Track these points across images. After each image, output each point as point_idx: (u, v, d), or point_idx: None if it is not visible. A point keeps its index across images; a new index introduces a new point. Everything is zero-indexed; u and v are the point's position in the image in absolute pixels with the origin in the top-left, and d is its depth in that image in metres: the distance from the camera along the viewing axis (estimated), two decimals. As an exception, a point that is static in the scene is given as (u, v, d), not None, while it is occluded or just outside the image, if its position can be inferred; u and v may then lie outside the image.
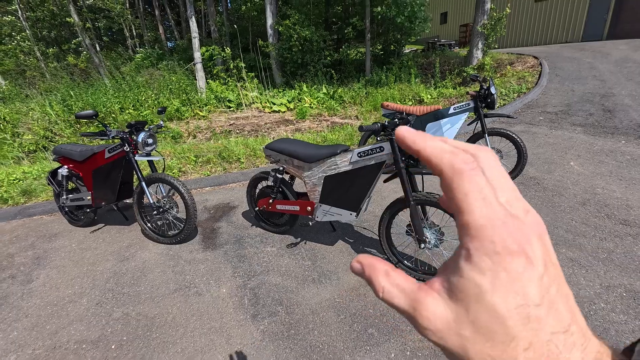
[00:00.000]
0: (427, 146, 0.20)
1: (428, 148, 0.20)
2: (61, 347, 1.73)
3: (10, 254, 2.74)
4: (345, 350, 1.57)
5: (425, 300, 0.19)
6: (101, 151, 2.57)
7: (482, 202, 0.17)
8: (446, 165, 0.19)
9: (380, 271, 0.21)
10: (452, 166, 0.19)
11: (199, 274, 2.23)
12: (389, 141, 1.77)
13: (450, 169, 0.19)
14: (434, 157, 0.19)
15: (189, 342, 1.68)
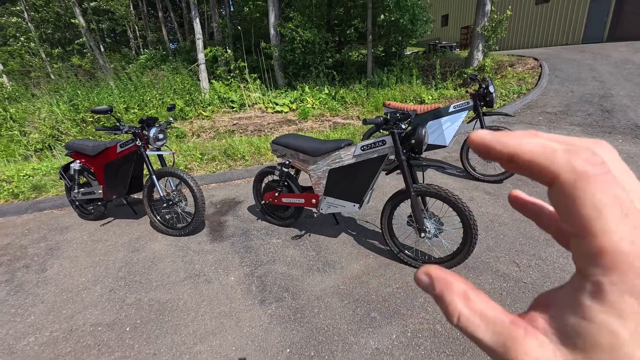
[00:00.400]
0: (525, 145, 0.15)
1: (527, 148, 0.15)
2: (78, 329, 1.81)
3: (24, 245, 2.83)
4: (349, 332, 1.65)
5: (525, 341, 0.15)
6: (113, 146, 2.66)
7: (624, 219, 0.13)
8: (563, 167, 0.14)
9: (455, 291, 0.17)
10: (573, 169, 0.14)
11: (208, 264, 2.31)
12: (390, 135, 1.85)
13: (570, 173, 0.14)
14: (542, 158, 0.15)
15: (200, 324, 1.77)
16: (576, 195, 0.14)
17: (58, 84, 8.50)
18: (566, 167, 0.14)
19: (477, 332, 0.16)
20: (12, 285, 2.26)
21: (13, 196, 3.77)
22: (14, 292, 2.19)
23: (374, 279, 2.02)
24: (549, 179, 0.15)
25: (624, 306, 0.13)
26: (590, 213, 0.13)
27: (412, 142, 1.81)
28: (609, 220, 0.13)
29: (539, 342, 0.15)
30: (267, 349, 1.58)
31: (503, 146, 0.16)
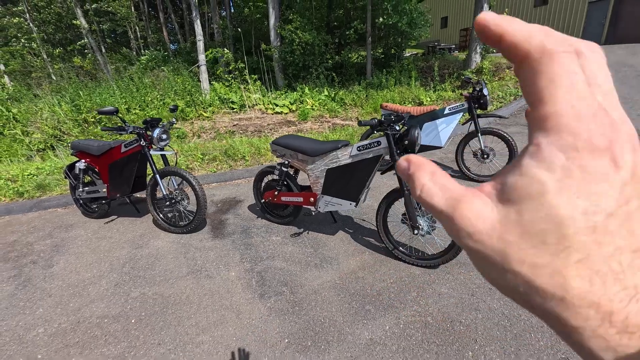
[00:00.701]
0: (514, 28, 0.16)
1: (515, 30, 0.16)
2: (85, 321, 1.89)
3: (30, 242, 2.91)
4: (345, 323, 1.73)
5: (470, 199, 0.16)
6: (118, 146, 2.74)
7: (570, 89, 0.15)
8: (536, 45, 0.15)
9: (426, 170, 0.18)
10: (542, 47, 0.15)
11: (209, 260, 2.39)
12: (385, 136, 1.94)
13: (539, 50, 0.15)
14: (522, 37, 0.16)
15: (202, 316, 1.85)
16: (537, 69, 0.15)
17: (60, 85, 8.58)
18: (537, 46, 0.15)
19: (433, 199, 0.17)
20: (20, 280, 2.34)
21: (18, 195, 3.85)
22: (22, 286, 2.27)
23: (369, 274, 2.10)
24: (521, 57, 0.16)
25: (554, 159, 0.14)
26: (544, 83, 0.15)
27: (405, 142, 1.89)
28: (557, 88, 0.15)
29: (482, 201, 0.16)
30: (266, 339, 1.66)
31: (496, 25, 0.16)
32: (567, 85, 0.15)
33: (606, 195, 0.14)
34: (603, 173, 0.14)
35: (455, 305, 1.81)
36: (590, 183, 0.14)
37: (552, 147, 0.14)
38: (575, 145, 0.14)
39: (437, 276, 2.04)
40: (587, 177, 0.14)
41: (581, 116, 0.14)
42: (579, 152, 0.14)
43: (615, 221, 0.14)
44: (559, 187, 0.14)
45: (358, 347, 1.58)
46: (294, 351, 1.59)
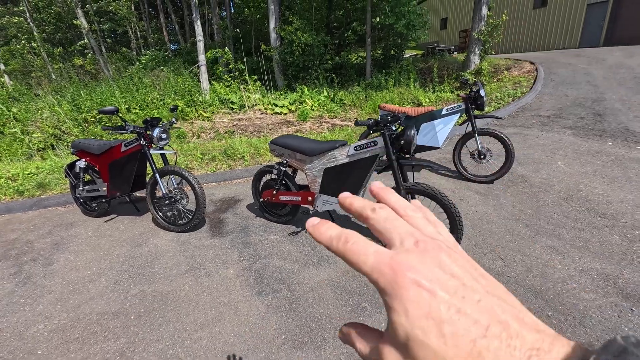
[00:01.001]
0: (322, 239, 0.23)
1: (322, 240, 0.23)
2: (84, 317, 1.92)
3: (30, 240, 2.94)
4: (341, 320, 1.76)
5: (383, 349, 0.20)
6: (118, 145, 2.77)
7: (367, 260, 0.20)
8: (337, 252, 0.23)
9: (354, 334, 0.24)
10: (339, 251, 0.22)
11: (208, 258, 2.42)
12: (381, 136, 1.97)
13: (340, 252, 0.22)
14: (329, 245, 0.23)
15: (200, 313, 1.87)
16: (347, 262, 0.22)
17: (60, 84, 8.61)
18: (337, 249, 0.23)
19: (370, 357, 0.22)
20: (20, 278, 2.37)
21: (18, 193, 3.87)
22: (22, 283, 2.30)
23: (365, 273, 2.12)
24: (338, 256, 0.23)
25: (395, 305, 0.19)
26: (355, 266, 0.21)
27: (401, 142, 1.92)
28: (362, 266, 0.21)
29: (388, 349, 0.20)
30: (263, 336, 1.69)
31: (315, 236, 0.24)
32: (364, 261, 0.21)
33: (433, 309, 0.18)
34: (419, 298, 0.18)
35: (450, 302, 1.83)
36: (420, 308, 0.18)
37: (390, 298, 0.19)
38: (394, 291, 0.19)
39: (433, 274, 2.06)
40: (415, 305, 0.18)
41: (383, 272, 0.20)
42: (398, 293, 0.19)
43: (453, 324, 0.17)
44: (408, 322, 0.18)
45: (354, 343, 1.61)
46: (290, 347, 1.61)
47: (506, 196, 3.11)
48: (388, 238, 0.22)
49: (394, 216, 0.23)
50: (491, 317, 0.18)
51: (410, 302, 0.18)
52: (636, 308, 1.77)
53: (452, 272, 0.20)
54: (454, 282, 0.19)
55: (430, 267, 0.19)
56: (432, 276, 0.19)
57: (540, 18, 14.61)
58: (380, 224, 0.23)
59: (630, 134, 4.47)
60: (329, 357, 1.55)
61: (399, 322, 0.18)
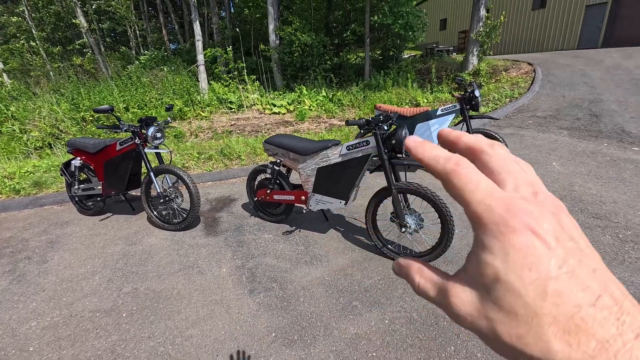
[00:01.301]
0: (426, 155, 0.21)
1: (426, 157, 0.21)
2: (77, 315, 1.92)
3: (25, 238, 2.94)
4: (332, 318, 1.77)
5: (453, 288, 0.20)
6: (113, 144, 2.78)
7: (479, 190, 0.19)
8: (441, 170, 0.20)
9: (414, 268, 0.23)
10: (445, 170, 0.20)
11: (201, 256, 2.43)
12: (373, 135, 1.98)
13: (444, 172, 0.20)
14: (431, 163, 0.21)
15: (192, 311, 1.88)
16: (451, 186, 0.20)
17: (59, 83, 8.61)
18: (442, 170, 0.20)
19: (429, 293, 0.21)
20: (14, 275, 2.37)
21: (14, 192, 3.88)
22: (16, 281, 2.30)
23: (357, 272, 2.14)
24: (437, 175, 0.21)
25: (493, 246, 0.17)
26: (459, 193, 0.19)
27: (392, 142, 1.93)
28: (468, 194, 0.19)
29: (460, 286, 0.19)
30: (254, 333, 1.70)
31: (417, 152, 0.22)
32: (474, 189, 0.19)
33: (542, 263, 0.16)
34: (529, 246, 0.17)
35: (440, 301, 1.84)
36: (526, 257, 0.17)
37: (487, 237, 0.18)
38: (500, 231, 0.17)
39: (424, 273, 2.07)
40: (521, 252, 0.17)
41: (494, 208, 0.18)
42: (504, 235, 0.17)
43: (562, 282, 0.16)
44: (505, 266, 0.17)
45: (343, 342, 1.62)
46: (280, 345, 1.62)
47: (500, 196, 3.12)
48: (502, 179, 0.20)
49: (513, 159, 0.21)
50: (605, 289, 0.16)
51: (516, 248, 0.17)
52: (625, 307, 1.78)
53: (572, 234, 0.18)
54: (572, 244, 0.17)
55: (550, 220, 0.18)
56: (551, 229, 0.17)
57: (539, 19, 14.64)
58: (496, 162, 0.21)
59: (625, 135, 4.49)
60: (318, 354, 1.56)
61: (491, 263, 0.17)
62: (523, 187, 0.19)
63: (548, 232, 0.17)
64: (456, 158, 0.20)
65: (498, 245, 0.17)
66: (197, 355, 1.59)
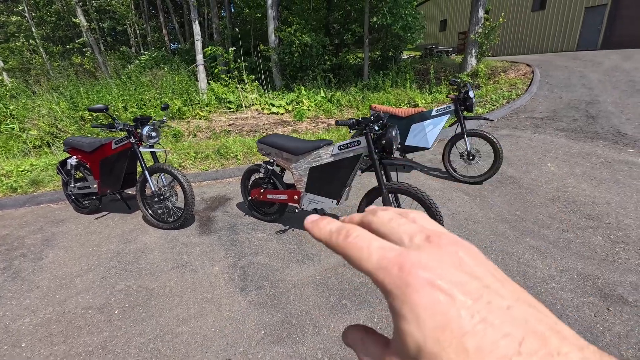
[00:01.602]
0: (320, 233, 0.21)
1: (321, 235, 0.21)
2: (70, 312, 1.94)
3: (21, 236, 2.96)
4: (321, 316, 1.78)
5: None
6: (109, 143, 2.80)
7: (370, 257, 0.17)
8: (335, 244, 0.20)
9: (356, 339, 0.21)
10: (338, 244, 0.19)
11: (195, 255, 2.45)
12: (364, 136, 2.00)
13: (338, 247, 0.19)
14: (327, 240, 0.20)
15: (183, 309, 1.90)
16: (346, 258, 0.19)
17: (58, 82, 8.63)
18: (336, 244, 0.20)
19: None
20: (9, 272, 2.39)
21: (11, 190, 3.90)
22: (11, 278, 2.32)
23: (348, 271, 2.15)
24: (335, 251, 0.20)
25: (404, 311, 0.16)
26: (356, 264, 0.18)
27: (383, 142, 1.95)
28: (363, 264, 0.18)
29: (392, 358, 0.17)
30: (243, 331, 1.72)
31: (313, 232, 0.21)
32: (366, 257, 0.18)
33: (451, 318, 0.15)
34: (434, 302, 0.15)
35: (429, 300, 1.86)
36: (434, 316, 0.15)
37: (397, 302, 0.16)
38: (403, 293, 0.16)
39: (415, 273, 2.09)
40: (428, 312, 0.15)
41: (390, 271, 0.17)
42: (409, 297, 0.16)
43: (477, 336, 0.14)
44: (420, 333, 0.15)
45: (331, 339, 1.64)
46: (269, 342, 1.64)
47: (494, 197, 3.14)
48: (396, 239, 0.19)
49: (400, 213, 0.21)
50: (525, 329, 0.15)
51: (424, 308, 0.15)
52: (613, 308, 1.80)
53: (473, 272, 0.17)
54: (476, 284, 0.16)
55: (447, 265, 0.17)
56: (449, 276, 0.16)
57: (539, 21, 14.66)
58: (385, 226, 0.20)
59: (621, 137, 4.50)
60: (306, 352, 1.58)
61: (409, 332, 0.15)
62: (416, 235, 0.19)
63: (448, 281, 0.16)
64: (346, 228, 0.20)
65: (407, 309, 0.16)
66: (186, 352, 1.61)
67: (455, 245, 0.18)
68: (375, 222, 0.21)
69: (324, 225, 0.21)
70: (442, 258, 0.17)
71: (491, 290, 0.16)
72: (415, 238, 0.19)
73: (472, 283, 0.16)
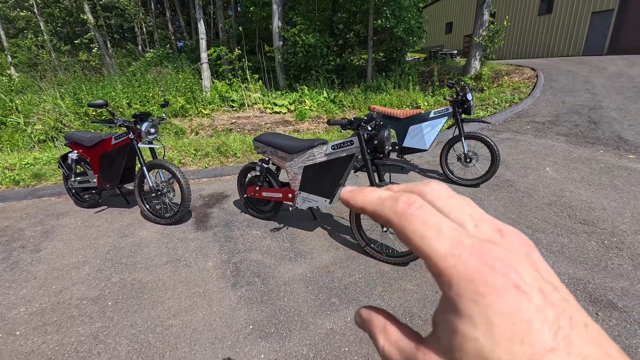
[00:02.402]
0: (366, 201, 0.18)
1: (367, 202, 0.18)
2: (64, 302, 1.98)
3: (21, 228, 3.02)
4: (309, 313, 1.81)
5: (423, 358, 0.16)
6: (108, 138, 2.85)
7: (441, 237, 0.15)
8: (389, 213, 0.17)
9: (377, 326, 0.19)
10: (395, 212, 0.17)
11: (189, 250, 2.48)
12: (357, 136, 2.02)
13: (395, 216, 0.17)
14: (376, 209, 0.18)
15: (175, 302, 1.93)
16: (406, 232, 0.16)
17: (64, 77, 8.74)
18: (392, 212, 0.17)
19: None
20: (8, 263, 2.44)
21: (14, 183, 3.97)
22: (9, 268, 2.37)
23: (339, 269, 2.17)
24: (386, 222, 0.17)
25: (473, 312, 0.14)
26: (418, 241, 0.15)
27: (375, 142, 1.97)
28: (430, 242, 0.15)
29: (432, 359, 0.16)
30: (232, 325, 1.74)
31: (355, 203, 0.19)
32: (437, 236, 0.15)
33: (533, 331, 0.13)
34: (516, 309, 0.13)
35: (417, 300, 1.88)
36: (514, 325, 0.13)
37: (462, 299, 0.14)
38: (478, 291, 0.14)
39: (405, 273, 2.11)
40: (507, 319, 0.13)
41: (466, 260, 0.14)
42: (486, 298, 0.14)
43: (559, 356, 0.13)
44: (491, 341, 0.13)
45: (318, 336, 1.66)
46: (256, 337, 1.67)
47: (490, 200, 3.14)
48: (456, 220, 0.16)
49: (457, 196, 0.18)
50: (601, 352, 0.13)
51: (502, 314, 0.13)
52: (602, 313, 1.80)
53: (551, 280, 0.15)
54: (557, 295, 0.14)
55: (527, 268, 0.15)
56: (532, 280, 0.14)
57: (545, 25, 14.58)
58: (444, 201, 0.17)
59: (622, 143, 4.48)
60: (293, 347, 1.60)
61: (473, 337, 0.14)
62: (483, 224, 0.16)
63: (532, 286, 0.14)
64: (405, 196, 0.17)
65: (478, 311, 0.14)
66: (175, 344, 1.64)
67: (529, 247, 0.16)
68: (430, 195, 0.18)
69: (370, 192, 0.19)
70: (520, 258, 0.15)
71: (570, 305, 0.14)
72: (482, 226, 0.16)
73: (554, 294, 0.14)
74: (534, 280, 0.14)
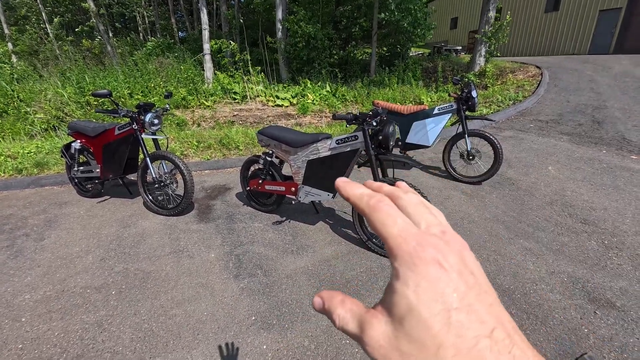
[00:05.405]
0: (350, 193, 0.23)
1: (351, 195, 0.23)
2: (68, 290, 2.01)
3: (24, 216, 3.03)
4: (310, 306, 1.83)
5: (371, 320, 0.20)
6: (112, 128, 2.84)
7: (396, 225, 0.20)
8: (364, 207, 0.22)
9: (336, 300, 0.23)
10: (368, 205, 0.22)
11: (192, 241, 2.50)
12: (361, 131, 2.02)
13: (367, 208, 0.21)
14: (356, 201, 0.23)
15: (178, 292, 1.95)
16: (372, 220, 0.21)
17: (65, 66, 8.68)
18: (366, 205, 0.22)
19: (348, 326, 0.21)
20: (12, 251, 2.46)
21: (17, 171, 3.97)
22: (13, 256, 2.39)
23: (341, 263, 2.19)
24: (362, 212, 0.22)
25: (407, 277, 0.18)
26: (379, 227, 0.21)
27: (379, 138, 1.97)
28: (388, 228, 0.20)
29: (378, 320, 0.20)
30: (234, 316, 1.76)
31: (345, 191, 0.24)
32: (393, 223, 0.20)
33: (446, 293, 0.18)
34: (436, 277, 0.18)
35: (418, 295, 1.89)
36: (433, 287, 0.18)
37: (402, 268, 0.19)
38: (413, 262, 0.19)
39: (406, 268, 2.12)
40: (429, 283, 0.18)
41: (409, 240, 0.19)
42: (417, 267, 0.18)
43: (463, 313, 0.17)
44: (416, 297, 0.18)
45: (319, 328, 1.68)
46: (259, 328, 1.69)
47: (491, 197, 3.15)
48: (416, 220, 0.21)
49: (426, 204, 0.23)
50: (499, 322, 0.18)
51: (426, 279, 0.18)
52: (600, 311, 1.82)
53: (473, 269, 0.20)
54: (472, 279, 0.19)
55: (455, 256, 0.19)
56: (455, 264, 0.19)
57: (552, 22, 14.42)
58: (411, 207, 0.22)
59: (625, 143, 4.47)
60: (294, 338, 1.62)
61: (404, 294, 0.18)
62: (433, 227, 0.21)
63: (452, 266, 0.19)
64: (379, 196, 0.22)
65: (411, 276, 0.18)
66: (178, 333, 1.66)
67: (462, 246, 0.21)
68: (403, 200, 0.23)
69: (356, 188, 0.24)
70: (452, 249, 0.20)
71: (481, 287, 0.19)
72: (432, 228, 0.21)
73: (470, 277, 0.19)
74: (456, 264, 0.19)
